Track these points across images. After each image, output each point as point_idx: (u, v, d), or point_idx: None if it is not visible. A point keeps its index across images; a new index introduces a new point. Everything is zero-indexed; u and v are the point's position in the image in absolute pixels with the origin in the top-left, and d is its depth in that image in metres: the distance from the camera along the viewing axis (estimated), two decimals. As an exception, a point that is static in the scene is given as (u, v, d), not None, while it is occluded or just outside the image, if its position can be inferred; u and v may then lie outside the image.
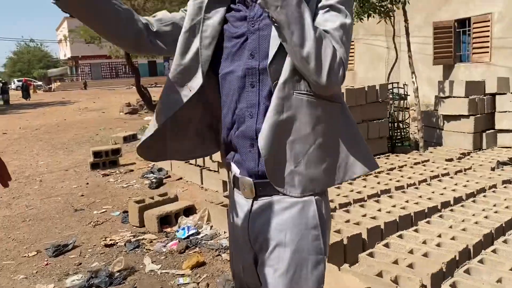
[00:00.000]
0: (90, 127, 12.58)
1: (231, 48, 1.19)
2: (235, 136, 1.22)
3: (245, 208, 1.24)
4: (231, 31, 1.20)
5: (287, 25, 1.03)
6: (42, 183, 5.97)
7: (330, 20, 1.10)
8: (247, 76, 1.17)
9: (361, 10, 5.34)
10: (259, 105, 1.17)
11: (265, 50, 1.14)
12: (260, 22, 1.15)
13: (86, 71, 52.80)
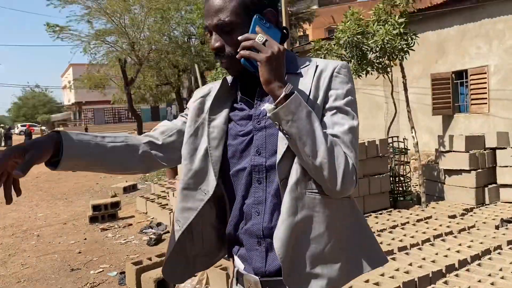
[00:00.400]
0: (90, 175, 12.51)
1: (238, 145, 1.20)
2: (241, 231, 1.20)
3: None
4: (237, 130, 1.21)
5: (298, 138, 1.05)
6: (40, 238, 5.88)
7: (338, 123, 1.11)
8: (254, 173, 1.17)
9: (359, 68, 5.44)
10: (266, 202, 1.16)
11: (272, 147, 1.15)
12: (266, 121, 1.16)
13: (89, 116, 53.49)
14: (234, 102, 1.25)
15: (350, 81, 1.18)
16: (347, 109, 1.13)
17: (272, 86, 1.07)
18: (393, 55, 5.55)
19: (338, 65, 1.18)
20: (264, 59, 1.05)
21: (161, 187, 8.05)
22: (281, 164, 1.11)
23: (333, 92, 1.14)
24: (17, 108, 69.33)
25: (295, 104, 1.05)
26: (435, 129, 9.82)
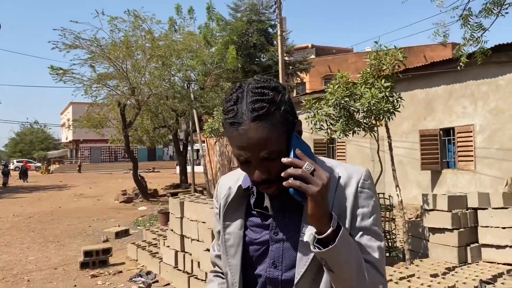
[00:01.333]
0: (83, 216, 12.61)
1: (254, 252, 1.17)
2: None
3: None
4: (252, 237, 1.18)
5: (344, 275, 1.02)
6: (30, 283, 5.94)
7: (369, 246, 1.08)
8: (269, 283, 1.15)
9: (346, 127, 5.73)
10: None
11: (289, 262, 1.12)
12: (284, 234, 1.13)
13: (86, 154, 53.69)
14: (249, 209, 1.21)
15: (375, 194, 1.14)
16: (375, 229, 1.10)
17: (320, 222, 1.01)
18: (379, 116, 5.86)
19: (362, 177, 1.13)
20: (316, 193, 0.99)
21: (153, 233, 8.14)
22: (300, 283, 1.09)
23: (360, 211, 1.10)
24: (14, 144, 69.48)
25: (343, 241, 1.00)
26: (424, 184, 10.07)
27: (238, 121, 1.04)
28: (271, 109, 1.04)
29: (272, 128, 1.04)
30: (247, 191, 1.20)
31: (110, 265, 6.72)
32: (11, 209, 14.83)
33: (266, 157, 1.05)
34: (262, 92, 1.05)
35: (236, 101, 1.06)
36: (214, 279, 1.36)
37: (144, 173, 23.78)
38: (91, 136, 24.86)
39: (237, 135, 1.05)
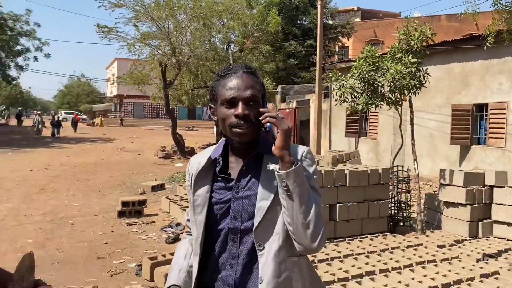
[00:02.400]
0: (124, 169, 13.47)
1: (218, 210, 1.47)
2: (216, 280, 1.47)
3: None
4: (217, 198, 1.48)
5: (299, 197, 1.33)
6: (73, 226, 6.68)
7: (315, 199, 1.40)
8: (230, 234, 1.45)
9: (370, 101, 5.92)
10: (238, 258, 1.43)
11: (247, 214, 1.42)
12: (244, 192, 1.44)
13: (129, 109, 55.46)
14: (215, 176, 1.52)
15: (314, 162, 1.50)
16: (314, 185, 1.44)
17: (284, 152, 1.36)
18: (404, 91, 6.00)
19: (305, 151, 1.50)
20: (285, 128, 1.35)
21: (185, 189, 8.75)
22: (258, 230, 1.39)
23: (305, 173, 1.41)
24: (62, 96, 72.44)
25: (300, 171, 1.35)
26: (452, 158, 10.10)
27: (233, 72, 1.46)
28: (257, 75, 1.49)
29: (256, 83, 1.46)
30: (214, 162, 1.53)
31: (144, 216, 7.39)
32: (58, 158, 15.94)
33: (249, 97, 1.41)
34: (248, 66, 1.50)
35: (230, 68, 1.49)
36: (186, 237, 1.71)
37: (183, 131, 24.62)
38: (134, 92, 25.69)
39: (230, 80, 1.44)
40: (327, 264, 4.58)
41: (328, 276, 4.20)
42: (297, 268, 1.44)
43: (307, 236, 1.35)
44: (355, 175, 5.69)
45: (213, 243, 1.49)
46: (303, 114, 16.21)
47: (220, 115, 1.46)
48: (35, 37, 29.53)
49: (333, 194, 5.59)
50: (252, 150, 1.48)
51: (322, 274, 4.24)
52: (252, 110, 1.41)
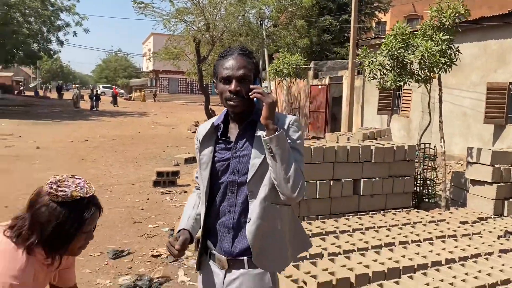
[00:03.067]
0: (159, 143, 13.98)
1: (220, 167, 1.79)
2: (217, 224, 1.80)
3: (220, 275, 1.79)
4: (219, 157, 1.80)
5: (281, 157, 1.64)
6: (112, 193, 7.13)
7: (296, 159, 1.71)
8: (229, 186, 1.77)
9: (398, 78, 5.96)
10: (236, 206, 1.76)
11: (243, 170, 1.74)
12: (241, 152, 1.76)
13: (164, 84, 56.37)
14: (217, 139, 1.83)
15: (300, 129, 1.80)
16: (298, 148, 1.76)
17: (269, 121, 1.65)
18: (434, 68, 5.99)
19: (292, 120, 1.79)
20: (270, 102, 1.65)
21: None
22: (250, 182, 1.72)
23: (291, 137, 1.75)
24: (100, 70, 74.28)
25: (283, 136, 1.66)
26: (486, 137, 9.95)
27: (230, 54, 1.75)
28: (251, 57, 1.77)
29: (249, 64, 1.74)
30: (217, 128, 1.85)
31: (177, 186, 7.78)
32: (97, 131, 16.65)
33: (241, 76, 1.71)
34: (243, 48, 1.80)
35: (228, 50, 1.79)
36: (194, 191, 2.04)
37: (216, 107, 24.94)
38: (170, 67, 26.16)
39: (227, 61, 1.73)
40: (348, 235, 4.78)
41: (348, 245, 4.41)
42: (279, 214, 1.77)
43: (288, 188, 1.67)
44: (381, 151, 5.80)
45: (215, 195, 1.81)
46: (335, 90, 16.14)
47: (218, 89, 1.77)
48: (75, 12, 30.31)
49: (358, 169, 5.73)
50: (247, 118, 1.78)
51: (343, 243, 4.46)
52: (244, 86, 1.71)
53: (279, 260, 1.81)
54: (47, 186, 1.57)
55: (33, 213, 1.56)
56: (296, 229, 1.89)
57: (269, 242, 1.76)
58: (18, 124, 17.71)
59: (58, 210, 1.54)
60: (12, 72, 55.45)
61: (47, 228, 1.54)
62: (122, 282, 3.80)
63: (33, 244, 1.55)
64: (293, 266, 3.79)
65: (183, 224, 1.86)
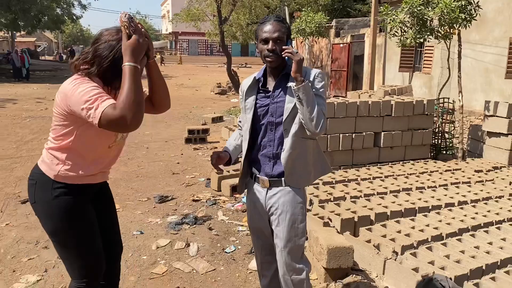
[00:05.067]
0: (185, 104, 14.45)
1: (261, 111, 2.27)
2: (260, 155, 2.30)
3: (263, 193, 2.31)
4: (260, 103, 2.27)
5: (307, 102, 2.09)
6: (148, 149, 7.70)
7: (319, 102, 2.15)
8: (268, 125, 2.25)
9: (418, 35, 6.19)
10: (274, 140, 2.25)
11: (279, 113, 2.21)
12: (277, 99, 2.23)
13: (184, 46, 56.38)
14: (259, 90, 2.31)
15: (323, 79, 2.24)
16: (321, 95, 2.19)
17: (297, 74, 2.09)
18: (454, 24, 6.18)
19: (317, 72, 2.22)
20: (298, 59, 2.08)
21: (242, 120, 9.53)
22: (285, 121, 2.19)
23: (316, 86, 2.20)
24: (120, 34, 74.15)
25: (308, 86, 2.10)
26: (507, 93, 10.08)
27: (268, 20, 2.18)
28: (284, 23, 2.19)
29: (282, 28, 2.16)
30: (258, 80, 2.31)
31: (207, 142, 8.29)
32: (125, 93, 17.16)
33: (276, 37, 2.14)
34: (278, 16, 2.22)
35: (267, 18, 2.21)
36: (237, 131, 2.55)
37: (237, 68, 25.17)
38: (190, 29, 26.26)
39: (265, 26, 2.16)
40: (368, 181, 5.23)
41: (369, 190, 4.86)
42: (306, 145, 2.25)
43: (312, 126, 2.13)
44: (400, 105, 6.13)
45: (258, 133, 2.30)
46: (357, 49, 16.18)
47: (259, 49, 2.22)
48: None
49: (378, 123, 6.09)
50: (282, 72, 2.24)
51: (364, 189, 4.91)
52: (278, 46, 2.14)
53: (304, 179, 2.31)
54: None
55: (95, 48, 1.94)
56: (319, 157, 2.38)
57: (297, 165, 2.24)
58: (49, 88, 18.42)
59: (114, 48, 1.91)
60: (35, 38, 56.19)
61: (104, 62, 1.89)
62: (171, 220, 4.37)
63: (93, 73, 1.90)
64: (319, 206, 4.28)
65: (226, 148, 2.41)
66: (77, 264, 2.08)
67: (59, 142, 1.97)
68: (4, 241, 3.88)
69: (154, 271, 3.38)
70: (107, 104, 1.74)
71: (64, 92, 1.86)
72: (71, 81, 1.88)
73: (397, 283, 3.16)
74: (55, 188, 1.97)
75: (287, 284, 2.31)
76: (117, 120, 1.72)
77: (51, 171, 1.97)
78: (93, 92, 1.78)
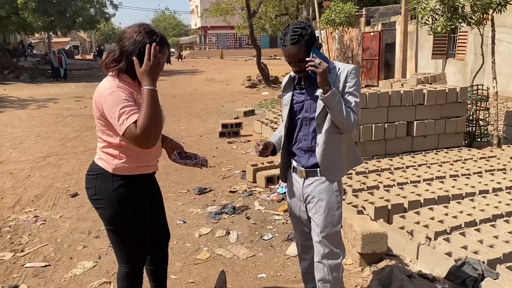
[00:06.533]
0: (216, 98, 14.74)
1: (297, 107, 2.41)
2: (295, 148, 2.46)
3: (300, 182, 2.46)
4: (296, 99, 2.42)
5: (333, 109, 2.21)
6: (184, 143, 7.95)
7: (350, 101, 2.27)
8: (304, 120, 2.39)
9: (449, 23, 6.14)
10: (309, 135, 2.39)
11: (313, 109, 2.34)
12: (311, 96, 2.36)
13: (213, 40, 56.83)
14: (295, 86, 2.45)
15: (357, 77, 2.31)
16: (355, 93, 2.29)
17: (323, 84, 2.19)
18: (486, 10, 6.10)
19: (351, 68, 2.29)
20: (320, 72, 2.17)
21: (274, 113, 9.71)
22: (318, 117, 2.31)
23: (348, 84, 2.29)
24: (151, 30, 75.36)
25: (334, 94, 2.19)
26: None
27: (285, 44, 2.25)
28: (299, 38, 2.21)
29: (299, 48, 2.22)
30: (294, 78, 2.46)
31: (241, 136, 8.51)
32: (158, 89, 17.60)
33: (297, 61, 2.26)
34: (295, 30, 2.22)
35: (284, 35, 2.25)
36: (280, 124, 2.69)
37: (266, 60, 25.25)
38: (219, 23, 26.53)
39: (285, 50, 2.26)
40: (402, 170, 5.30)
41: (402, 179, 4.94)
42: (338, 140, 2.36)
43: (343, 126, 2.27)
44: (433, 94, 6.13)
45: (295, 128, 2.46)
46: (388, 37, 16.00)
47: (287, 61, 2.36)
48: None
49: (411, 112, 6.12)
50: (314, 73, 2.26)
51: (397, 177, 4.99)
52: (302, 63, 2.25)
53: (338, 172, 2.43)
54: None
55: (121, 45, 2.07)
56: (352, 149, 2.50)
57: (331, 159, 2.37)
58: (86, 86, 19.11)
59: (139, 42, 2.07)
60: (69, 37, 57.94)
61: (131, 56, 2.04)
62: (211, 210, 4.60)
63: (122, 69, 2.06)
64: (353, 195, 4.41)
65: (271, 140, 2.57)
66: (126, 251, 2.30)
67: (108, 141, 2.18)
68: (60, 231, 4.22)
69: (198, 257, 3.62)
70: (131, 120, 1.95)
71: (99, 96, 2.08)
72: (107, 87, 2.07)
73: (430, 267, 3.27)
74: (114, 181, 2.19)
75: (323, 268, 2.46)
76: (136, 139, 1.96)
77: (110, 166, 2.19)
78: (122, 105, 1.98)
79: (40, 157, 7.20)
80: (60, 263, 3.57)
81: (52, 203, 5.01)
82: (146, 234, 2.33)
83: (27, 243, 3.96)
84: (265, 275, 3.33)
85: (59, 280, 3.30)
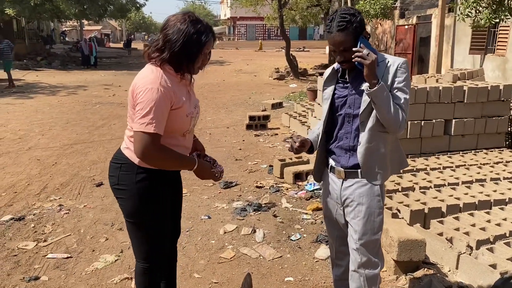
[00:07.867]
0: (244, 89, 14.58)
1: (339, 102, 2.20)
2: (336, 146, 2.25)
3: (338, 184, 2.25)
4: (338, 93, 2.21)
5: (379, 105, 2.01)
6: (211, 135, 7.86)
7: (399, 97, 2.06)
8: (346, 117, 2.18)
9: (494, 15, 5.78)
10: (351, 132, 2.18)
11: (357, 105, 2.13)
12: (356, 90, 2.14)
13: (242, 31, 56.63)
14: (338, 79, 2.24)
15: (407, 71, 2.09)
16: (404, 89, 2.07)
17: (371, 78, 1.99)
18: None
19: (401, 62, 2.08)
20: (368, 63, 1.97)
21: (302, 107, 9.48)
22: (362, 114, 2.11)
23: (397, 79, 2.07)
24: (181, 20, 75.73)
25: (382, 88, 1.99)
26: None
27: (330, 31, 2.05)
28: (347, 25, 2.01)
29: (346, 35, 2.01)
30: (337, 71, 2.26)
31: (268, 129, 8.32)
32: (186, 79, 17.58)
33: (342, 49, 2.05)
34: (343, 16, 2.02)
35: (331, 20, 2.05)
36: (319, 121, 2.42)
37: (295, 52, 24.90)
38: (248, 13, 26.25)
39: (330, 37, 2.06)
40: (439, 171, 5.02)
41: (439, 181, 4.66)
42: (383, 139, 2.15)
43: (389, 124, 2.07)
44: (474, 91, 5.79)
45: (335, 124, 2.25)
46: (423, 30, 15.42)
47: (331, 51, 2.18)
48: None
49: (449, 110, 5.80)
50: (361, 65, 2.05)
51: (433, 179, 4.72)
52: (347, 54, 2.05)
53: (381, 175, 2.19)
54: None
55: (164, 34, 1.97)
56: (397, 151, 2.27)
57: (374, 160, 2.15)
58: (115, 74, 19.27)
59: (183, 31, 1.96)
60: (101, 26, 58.79)
61: (175, 46, 1.94)
62: (236, 205, 4.45)
63: (165, 59, 1.97)
64: (387, 196, 4.17)
65: (309, 137, 2.37)
66: (144, 247, 2.17)
67: None
68: (84, 221, 4.15)
69: (222, 255, 3.47)
70: (149, 130, 1.91)
71: (138, 86, 1.98)
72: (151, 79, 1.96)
73: (471, 278, 3.03)
74: (138, 173, 2.06)
75: (358, 278, 2.25)
76: (138, 149, 1.95)
77: (135, 157, 2.06)
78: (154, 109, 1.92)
79: (68, 144, 7.20)
80: (82, 255, 3.49)
81: (77, 192, 4.96)
82: (166, 231, 2.22)
83: (50, 233, 3.90)
84: (292, 279, 3.15)
85: (80, 273, 3.22)
